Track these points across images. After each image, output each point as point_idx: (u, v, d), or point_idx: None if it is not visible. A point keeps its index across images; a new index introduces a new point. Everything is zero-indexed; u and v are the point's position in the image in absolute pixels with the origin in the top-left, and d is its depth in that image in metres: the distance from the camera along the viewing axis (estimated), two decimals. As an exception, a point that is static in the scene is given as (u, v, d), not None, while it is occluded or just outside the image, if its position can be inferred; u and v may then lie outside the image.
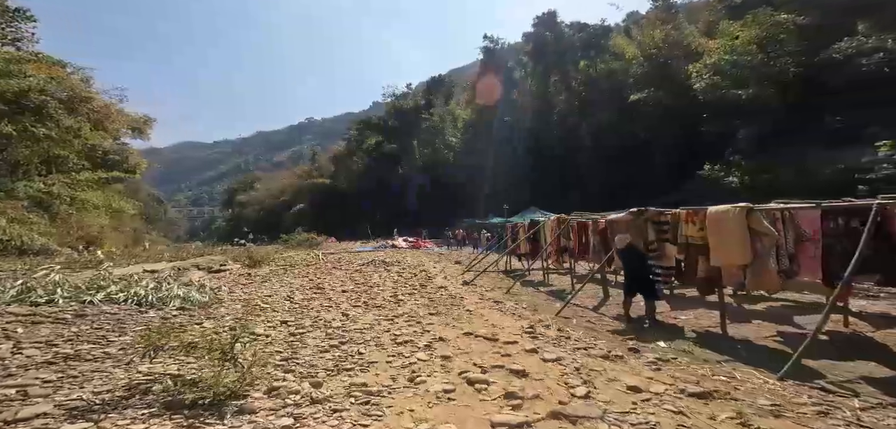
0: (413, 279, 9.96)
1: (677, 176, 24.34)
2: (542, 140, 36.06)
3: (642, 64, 29.06)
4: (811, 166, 16.70)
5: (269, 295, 7.51)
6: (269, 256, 14.40)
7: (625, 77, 30.68)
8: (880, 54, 16.76)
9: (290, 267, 12.38)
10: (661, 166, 26.41)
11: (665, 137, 26.36)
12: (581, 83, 34.51)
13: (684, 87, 25.91)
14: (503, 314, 6.10)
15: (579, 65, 34.47)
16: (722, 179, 19.48)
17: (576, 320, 5.92)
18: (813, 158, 17.08)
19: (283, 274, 10.44)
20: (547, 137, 35.94)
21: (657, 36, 28.95)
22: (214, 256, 13.68)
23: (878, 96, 16.60)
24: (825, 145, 17.62)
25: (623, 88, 30.58)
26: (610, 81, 32.11)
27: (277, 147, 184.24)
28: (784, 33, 20.87)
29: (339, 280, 9.75)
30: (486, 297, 7.83)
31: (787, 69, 20.22)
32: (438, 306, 6.62)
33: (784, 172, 17.03)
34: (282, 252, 18.18)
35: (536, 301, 7.62)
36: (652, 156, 27.34)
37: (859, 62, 17.27)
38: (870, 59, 16.93)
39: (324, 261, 15.01)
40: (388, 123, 57.44)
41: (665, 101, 26.39)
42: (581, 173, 32.40)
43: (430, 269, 12.51)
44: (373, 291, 8.18)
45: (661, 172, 26.13)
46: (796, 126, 19.55)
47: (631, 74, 29.88)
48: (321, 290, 8.22)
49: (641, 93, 26.93)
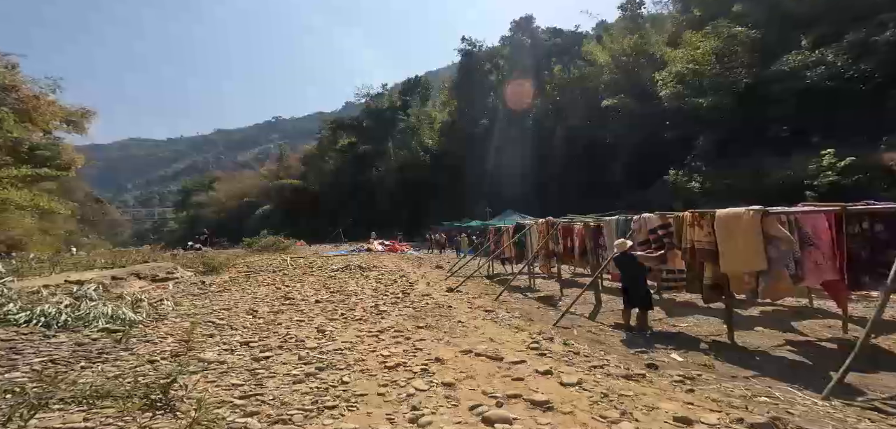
0: (394, 286, 9.22)
1: (643, 180, 25.35)
2: (518, 144, 36.40)
3: (613, 70, 30.14)
4: (763, 172, 17.89)
5: (227, 308, 6.46)
6: (228, 261, 12.94)
7: (596, 83, 31.69)
8: (821, 68, 18.32)
9: (254, 274, 11.13)
10: (628, 171, 27.44)
11: (632, 142, 27.42)
12: (555, 88, 35.26)
13: (650, 94, 27.13)
14: (498, 326, 5.58)
15: (554, 70, 35.21)
16: (686, 184, 20.43)
17: (576, 331, 5.52)
18: (765, 165, 18.31)
19: (245, 282, 9.26)
20: (522, 141, 36.33)
21: (626, 44, 30.17)
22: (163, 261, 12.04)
23: (821, 107, 18.17)
24: (775, 153, 19.00)
25: (594, 94, 31.56)
26: (582, 87, 33.05)
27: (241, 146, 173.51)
28: (738, 45, 22.38)
29: (312, 288, 8.79)
30: (476, 305, 7.28)
31: (741, 80, 21.67)
32: (426, 318, 5.97)
33: (740, 177, 18.11)
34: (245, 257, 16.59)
35: (528, 309, 7.19)
36: (619, 160, 28.35)
37: (804, 74, 18.81)
38: (813, 71, 18.48)
39: (293, 267, 13.78)
40: (363, 124, 55.68)
41: (633, 108, 27.46)
42: (554, 177, 33.01)
43: (410, 274, 11.79)
44: (350, 300, 7.36)
45: (628, 176, 27.13)
46: (750, 134, 20.97)
47: (602, 81, 30.90)
48: (291, 300, 7.27)
49: (613, 98, 27.85)
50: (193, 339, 4.50)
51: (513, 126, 36.34)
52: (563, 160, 32.44)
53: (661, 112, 25.98)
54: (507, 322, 5.81)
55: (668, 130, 25.44)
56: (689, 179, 20.60)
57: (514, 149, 35.92)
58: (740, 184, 17.43)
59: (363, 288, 8.90)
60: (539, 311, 7.02)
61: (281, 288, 8.62)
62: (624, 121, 28.13)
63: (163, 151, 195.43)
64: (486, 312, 6.54)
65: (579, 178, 30.40)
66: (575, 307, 7.06)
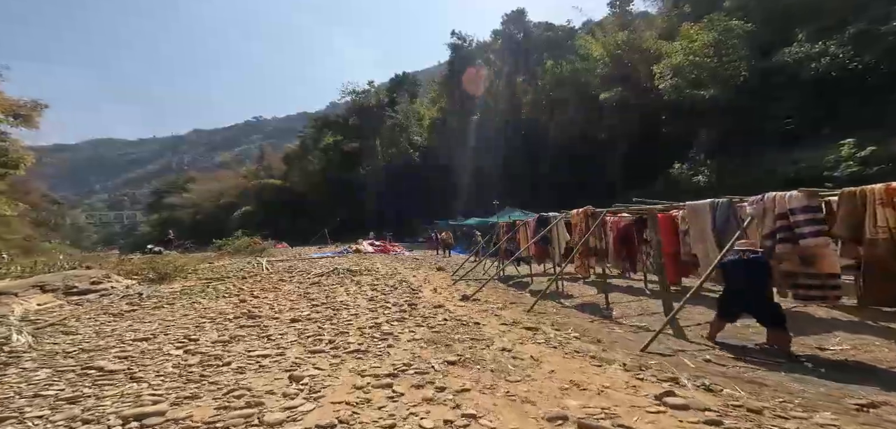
0: (394, 294, 7.27)
1: (642, 176, 24.34)
2: (509, 139, 34.98)
3: (607, 64, 29.18)
4: (773, 165, 17.03)
5: (149, 337, 4.33)
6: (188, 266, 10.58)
7: (590, 77, 30.68)
8: (826, 59, 17.68)
9: (218, 281, 8.88)
10: (625, 167, 26.45)
11: (629, 137, 26.46)
12: (548, 82, 34.06)
13: (646, 87, 26.25)
14: (565, 355, 3.77)
15: (546, 64, 34.02)
16: (690, 178, 19.42)
17: (690, 362, 3.76)
18: (773, 158, 17.49)
19: (200, 294, 7.07)
20: (514, 136, 34.94)
21: (619, 38, 29.30)
22: (99, 267, 9.55)
23: (826, 99, 17.50)
24: (781, 145, 18.23)
25: (588, 88, 30.54)
26: (575, 81, 31.98)
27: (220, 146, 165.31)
28: (735, 39, 21.69)
29: (289, 300, 6.71)
30: (508, 319, 5.45)
31: (740, 73, 20.95)
32: (454, 343, 4.10)
33: (751, 170, 17.19)
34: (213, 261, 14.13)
35: (580, 324, 5.40)
36: (616, 156, 27.34)
37: (808, 66, 18.13)
38: (818, 63, 17.81)
39: (269, 271, 11.53)
40: (349, 121, 53.01)
41: (629, 102, 26.52)
42: (548, 173, 31.78)
43: (409, 278, 9.85)
44: (340, 316, 5.38)
45: (625, 172, 26.13)
46: (751, 127, 20.23)
47: (596, 75, 29.91)
48: (256, 319, 5.20)
49: (609, 92, 26.81)
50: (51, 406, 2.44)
51: (505, 122, 34.91)
52: (558, 156, 31.26)
53: (659, 106, 25.11)
54: (572, 348, 4.00)
55: (666, 125, 24.59)
56: (694, 173, 19.61)
57: (506, 145, 34.50)
58: (751, 176, 16.44)
59: (356, 298, 6.91)
60: (595, 326, 5.25)
61: (247, 301, 6.50)
62: (620, 115, 27.15)
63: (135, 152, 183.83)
64: (530, 332, 4.72)
65: (574, 174, 29.26)
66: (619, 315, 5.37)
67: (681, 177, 19.95)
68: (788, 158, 16.98)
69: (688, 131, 22.55)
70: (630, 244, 7.42)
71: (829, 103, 17.20)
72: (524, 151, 33.72)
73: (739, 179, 17.28)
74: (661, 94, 25.03)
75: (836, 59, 17.58)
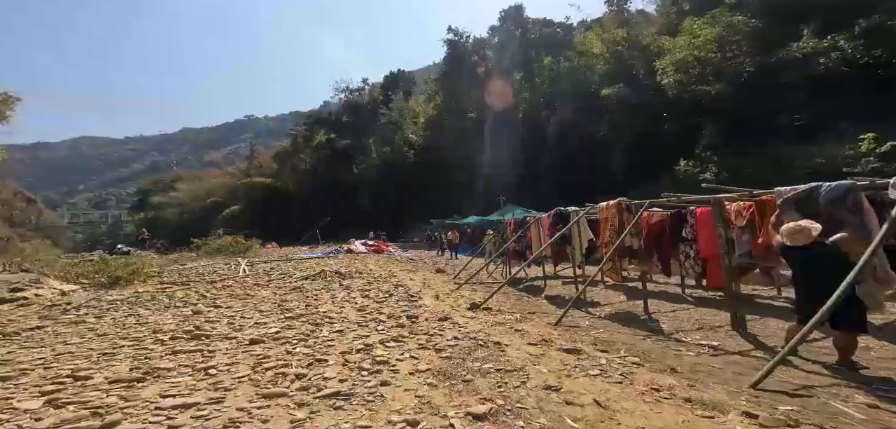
0: (390, 302, 6.01)
1: (645, 173, 23.48)
2: (506, 137, 33.97)
3: (608, 60, 28.38)
4: (785, 160, 16.24)
5: (26, 369, 2.97)
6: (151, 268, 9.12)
7: (591, 74, 29.84)
8: (836, 53, 17.01)
9: (182, 286, 7.48)
10: (628, 164, 25.60)
11: (630, 134, 25.62)
12: (545, 80, 33.15)
13: (648, 84, 25.51)
14: (645, 396, 2.56)
15: (544, 61, 33.11)
16: (698, 174, 18.55)
17: (811, 394, 2.59)
18: (784, 153, 16.73)
19: (149, 302, 5.69)
20: (511, 134, 33.94)
21: (619, 34, 28.57)
22: (42, 270, 8.03)
23: (836, 94, 16.82)
24: (791, 141, 17.51)
25: (588, 85, 29.71)
26: (574, 78, 31.12)
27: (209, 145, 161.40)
28: (738, 34, 21.04)
29: (258, 311, 5.39)
30: (533, 336, 4.25)
31: (744, 68, 20.28)
32: (473, 377, 2.87)
33: (762, 165, 16.37)
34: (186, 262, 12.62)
35: (635, 343, 4.21)
36: (618, 153, 26.47)
37: (816, 61, 17.45)
38: (827, 57, 17.13)
39: (249, 274, 10.13)
40: (342, 119, 51.49)
41: (630, 98, 25.72)
42: (547, 172, 30.85)
43: (407, 282, 8.59)
44: (320, 334, 4.09)
45: (628, 170, 25.28)
46: (757, 123, 19.52)
47: (597, 71, 29.08)
48: (203, 339, 3.87)
49: (610, 88, 25.98)
50: None
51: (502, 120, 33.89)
52: (557, 154, 30.32)
53: (661, 102, 24.36)
54: (643, 382, 2.79)
55: (668, 121, 23.82)
56: (701, 169, 18.76)
57: (504, 143, 33.49)
58: (763, 172, 15.57)
59: (343, 306, 5.62)
60: (652, 345, 4.06)
61: (201, 312, 5.14)
62: (621, 112, 26.34)
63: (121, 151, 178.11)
64: (571, 356, 3.51)
65: (574, 171, 28.32)
66: (687, 333, 4.22)
67: (687, 173, 19.07)
68: (802, 152, 16.22)
69: (691, 128, 21.77)
70: (662, 244, 6.32)
71: (840, 98, 16.51)
72: (522, 149, 32.74)
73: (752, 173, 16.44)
74: (662, 91, 24.29)
75: (846, 53, 16.94)
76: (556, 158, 30.48)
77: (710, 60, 21.09)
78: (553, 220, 7.16)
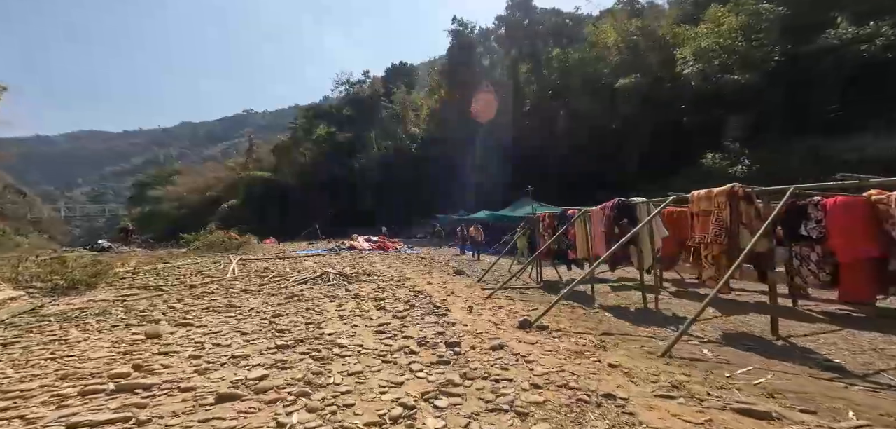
0: (411, 316, 4.59)
1: (662, 168, 22.10)
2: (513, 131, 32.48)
3: (622, 51, 26.90)
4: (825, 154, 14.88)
5: None
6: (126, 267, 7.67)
7: (603, 66, 28.34)
8: (881, 40, 15.61)
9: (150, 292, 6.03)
10: (643, 158, 24.22)
11: (646, 127, 24.22)
12: (555, 71, 31.61)
13: (664, 75, 24.11)
14: None
15: (553, 52, 31.56)
16: (728, 168, 17.19)
17: None
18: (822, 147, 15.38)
19: (98, 317, 4.25)
20: (518, 128, 32.45)
21: (633, 24, 27.11)
22: None
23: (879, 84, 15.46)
24: (824, 134, 16.17)
25: (599, 77, 28.25)
26: (585, 70, 29.62)
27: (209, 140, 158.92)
28: (766, 22, 19.64)
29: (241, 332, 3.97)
30: (639, 373, 2.85)
31: (771, 58, 18.89)
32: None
33: (794, 159, 15.03)
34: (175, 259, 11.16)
35: (802, 385, 2.81)
36: (632, 147, 25.07)
37: (857, 49, 16.05)
38: (870, 45, 15.73)
39: (237, 274, 8.69)
40: (343, 111, 49.74)
41: (647, 90, 24.30)
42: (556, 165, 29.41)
43: (424, 286, 7.19)
44: (330, 376, 2.68)
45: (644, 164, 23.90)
46: (786, 115, 18.19)
47: (609, 62, 27.60)
48: (138, 392, 2.46)
49: (627, 78, 24.53)
50: None
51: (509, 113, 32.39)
52: (566, 148, 28.86)
53: (680, 94, 22.96)
54: None
55: (688, 113, 22.43)
56: (731, 162, 17.39)
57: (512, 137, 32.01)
58: (804, 166, 14.25)
59: (355, 327, 4.20)
60: (841, 391, 2.65)
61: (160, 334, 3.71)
62: (636, 104, 24.89)
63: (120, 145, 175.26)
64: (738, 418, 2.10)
65: (586, 166, 26.89)
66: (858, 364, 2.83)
67: (715, 167, 17.69)
68: (842, 146, 14.87)
69: (714, 120, 20.39)
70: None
71: (884, 89, 15.13)
72: (530, 144, 31.26)
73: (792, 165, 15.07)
74: (682, 82, 22.89)
75: (891, 39, 15.53)
76: (566, 152, 29.05)
77: (735, 49, 19.69)
78: (614, 213, 5.74)
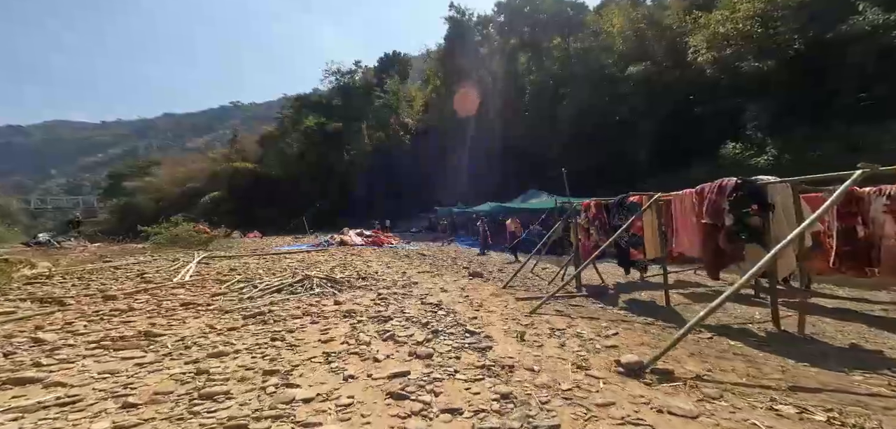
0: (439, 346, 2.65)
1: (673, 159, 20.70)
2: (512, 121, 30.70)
3: (629, 38, 25.36)
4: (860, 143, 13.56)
5: None
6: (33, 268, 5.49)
7: (608, 54, 26.76)
8: (918, 21, 14.37)
9: (38, 311, 3.91)
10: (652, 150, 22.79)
11: (655, 118, 22.78)
12: (556, 61, 29.93)
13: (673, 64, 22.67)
14: None
15: (553, 41, 29.86)
16: (751, 158, 15.81)
17: None
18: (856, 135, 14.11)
19: None
20: (518, 118, 30.68)
21: (640, 12, 25.58)
22: None
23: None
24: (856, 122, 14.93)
25: (603, 67, 26.67)
26: (588, 59, 28.00)
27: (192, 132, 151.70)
28: (785, 8, 18.28)
29: (125, 384, 1.99)
30: None
31: (792, 44, 17.58)
32: None
33: (839, 147, 13.69)
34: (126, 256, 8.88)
35: None
36: (640, 139, 23.61)
37: (889, 35, 14.78)
38: (906, 27, 14.49)
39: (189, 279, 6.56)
40: (332, 101, 46.94)
41: (655, 79, 22.84)
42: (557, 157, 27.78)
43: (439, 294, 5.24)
44: None
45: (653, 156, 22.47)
46: (810, 104, 16.92)
47: (615, 50, 26.03)
48: None
49: (636, 66, 23.00)
50: None
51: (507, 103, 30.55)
52: (568, 139, 27.21)
53: (691, 82, 21.58)
54: None
55: (700, 103, 21.04)
56: (755, 152, 16.01)
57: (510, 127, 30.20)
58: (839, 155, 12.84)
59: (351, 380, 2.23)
60: None
61: None
62: (645, 94, 23.42)
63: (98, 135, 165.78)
64: None
65: (589, 159, 25.30)
66: None
67: (736, 157, 16.29)
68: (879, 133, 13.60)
69: (730, 109, 19.04)
70: None
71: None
72: (530, 135, 29.54)
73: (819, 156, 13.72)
74: (693, 70, 21.50)
75: (926, 22, 14.31)
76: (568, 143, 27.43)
77: (755, 34, 18.33)
78: (732, 198, 3.87)
